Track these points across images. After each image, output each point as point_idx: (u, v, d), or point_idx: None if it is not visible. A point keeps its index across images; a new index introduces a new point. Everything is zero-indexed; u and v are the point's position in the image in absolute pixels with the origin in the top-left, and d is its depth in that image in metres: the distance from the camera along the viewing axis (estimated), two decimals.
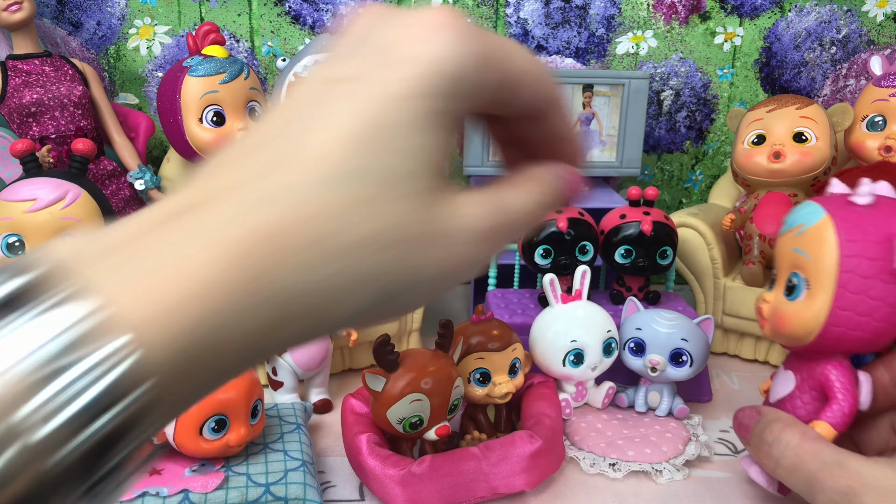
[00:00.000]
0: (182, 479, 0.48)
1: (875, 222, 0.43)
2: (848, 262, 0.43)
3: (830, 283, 0.44)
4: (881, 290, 0.43)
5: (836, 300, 0.44)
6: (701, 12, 0.96)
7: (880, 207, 0.44)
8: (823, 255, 0.44)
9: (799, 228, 0.46)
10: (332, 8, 0.93)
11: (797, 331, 0.46)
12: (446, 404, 0.52)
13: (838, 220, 0.44)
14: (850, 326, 0.44)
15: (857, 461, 0.40)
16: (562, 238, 0.66)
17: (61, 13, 0.90)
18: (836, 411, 0.44)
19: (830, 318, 0.44)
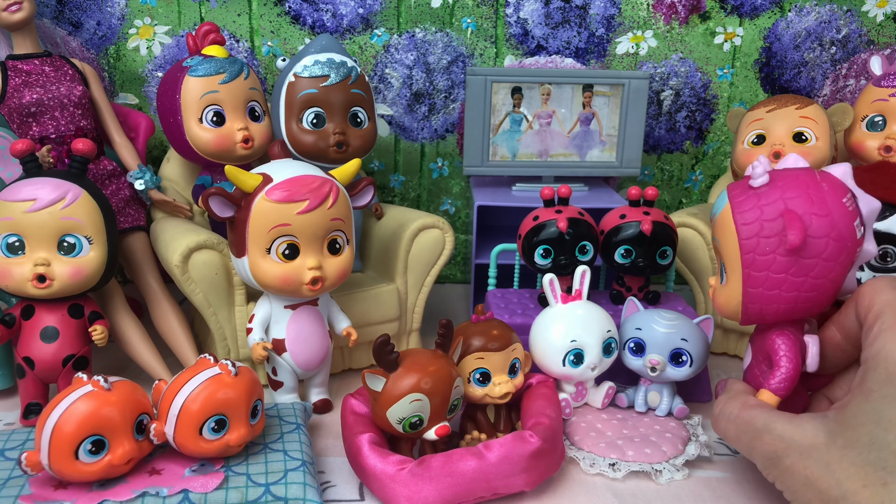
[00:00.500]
0: (182, 479, 0.48)
1: (770, 201, 0.45)
2: (746, 244, 0.46)
3: (737, 265, 0.47)
4: (781, 264, 0.45)
5: (744, 280, 0.47)
6: (701, 12, 0.96)
7: (776, 185, 0.46)
8: (728, 240, 0.47)
9: (713, 218, 0.50)
10: (332, 8, 0.93)
11: (726, 311, 0.50)
12: (446, 404, 0.52)
13: (735, 205, 0.47)
14: (764, 302, 0.47)
15: (783, 424, 0.43)
16: (562, 238, 0.66)
17: (61, 13, 0.90)
18: (777, 377, 0.47)
19: (745, 297, 0.47)
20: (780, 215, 0.45)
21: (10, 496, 0.46)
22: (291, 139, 0.74)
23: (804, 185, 0.45)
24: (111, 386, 0.47)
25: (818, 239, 0.44)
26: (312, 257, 0.58)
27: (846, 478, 0.39)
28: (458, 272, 1.06)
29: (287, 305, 0.61)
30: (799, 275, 0.45)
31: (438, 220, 0.74)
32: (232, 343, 0.69)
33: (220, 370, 0.50)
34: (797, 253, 0.44)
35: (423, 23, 0.94)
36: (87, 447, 0.45)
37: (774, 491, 0.53)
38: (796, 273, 0.45)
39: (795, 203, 0.45)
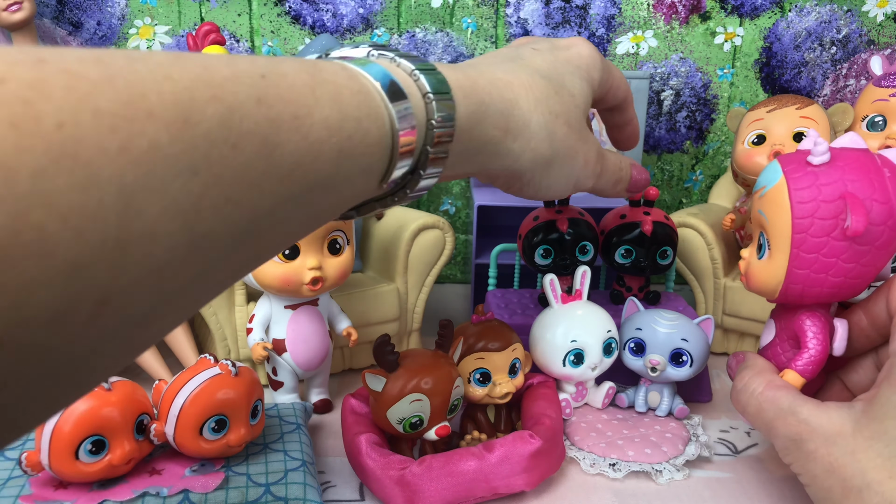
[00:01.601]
0: (182, 479, 0.48)
1: (829, 181, 0.43)
2: (800, 223, 0.44)
3: (786, 244, 0.45)
4: (834, 248, 0.43)
5: (791, 260, 0.45)
6: (701, 12, 0.96)
7: (836, 165, 0.44)
8: (778, 217, 0.45)
9: (762, 190, 0.47)
10: (332, 8, 0.93)
11: (762, 288, 0.48)
12: (446, 404, 0.52)
13: (792, 181, 0.45)
14: (808, 284, 0.45)
15: (809, 409, 0.43)
16: (562, 238, 0.66)
17: (61, 13, 0.90)
18: (805, 359, 0.46)
19: (788, 277, 0.46)
20: (841, 198, 0.43)
21: (10, 496, 0.46)
22: None
23: (866, 168, 0.43)
24: (111, 386, 0.47)
25: (876, 227, 0.43)
26: (312, 257, 0.58)
27: (871, 468, 0.39)
28: (458, 272, 1.06)
29: (287, 305, 0.61)
30: (850, 261, 0.44)
31: (438, 220, 0.74)
32: (232, 343, 0.69)
33: (221, 370, 0.50)
34: (855, 240, 0.43)
35: (423, 23, 0.94)
36: (88, 447, 0.45)
37: (775, 491, 0.54)
38: (847, 259, 0.44)
39: (857, 186, 0.43)
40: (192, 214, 0.20)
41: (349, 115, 0.27)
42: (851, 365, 0.51)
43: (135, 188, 0.18)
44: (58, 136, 0.17)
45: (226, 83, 0.22)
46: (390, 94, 0.29)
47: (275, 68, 0.25)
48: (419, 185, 0.32)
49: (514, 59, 0.41)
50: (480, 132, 0.36)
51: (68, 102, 0.17)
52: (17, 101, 0.16)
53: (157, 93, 0.20)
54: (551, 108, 0.40)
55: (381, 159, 0.29)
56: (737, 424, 0.64)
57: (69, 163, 0.17)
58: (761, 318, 0.75)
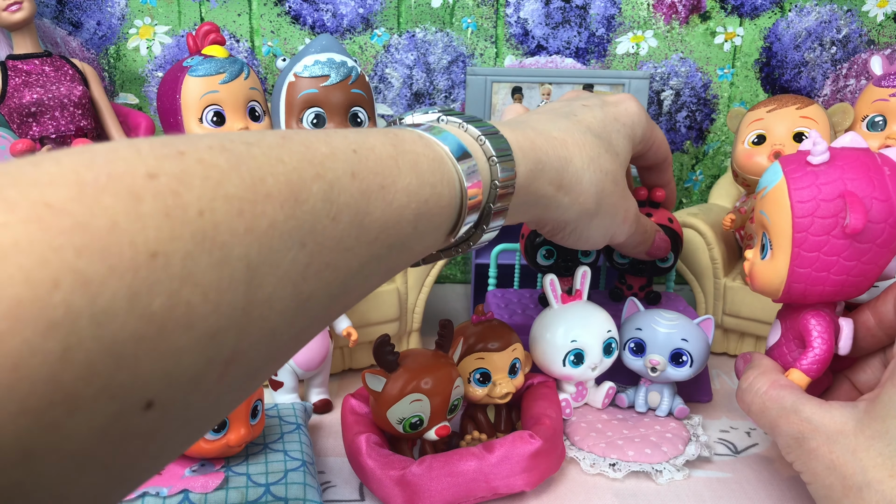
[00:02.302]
0: (182, 479, 0.48)
1: (829, 180, 0.44)
2: (800, 223, 0.44)
3: (787, 243, 0.45)
4: (835, 246, 0.44)
5: (793, 259, 0.45)
6: (701, 12, 0.96)
7: (836, 164, 0.44)
8: (779, 217, 0.46)
9: (763, 191, 0.48)
10: (332, 8, 0.93)
11: (766, 288, 0.49)
12: (446, 404, 0.52)
13: (792, 181, 0.45)
14: (810, 283, 0.46)
15: (811, 407, 0.43)
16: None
17: (61, 13, 0.90)
18: (810, 358, 0.47)
19: (790, 276, 0.46)
20: (840, 196, 0.43)
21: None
22: None
23: (865, 166, 0.44)
24: None
25: (876, 224, 0.43)
26: None
27: (872, 466, 0.39)
28: (458, 272, 1.06)
29: None
30: (851, 259, 0.44)
31: None
32: None
33: None
34: (855, 237, 0.43)
35: (423, 23, 0.94)
36: None
37: (775, 491, 0.54)
38: (848, 257, 0.44)
39: (856, 185, 0.43)
40: (300, 281, 0.24)
41: (426, 181, 0.30)
42: (859, 365, 0.51)
43: (258, 262, 0.21)
44: (200, 223, 0.19)
45: (326, 161, 0.25)
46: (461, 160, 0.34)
47: (364, 142, 0.28)
48: (482, 238, 0.37)
49: (568, 115, 0.45)
50: (537, 188, 0.40)
51: (206, 191, 0.20)
52: (168, 193, 0.19)
53: (272, 175, 0.23)
54: (601, 166, 0.44)
55: (451, 218, 0.33)
56: (737, 424, 0.64)
57: (209, 245, 0.20)
58: (761, 318, 0.75)
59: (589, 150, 0.43)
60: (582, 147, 0.43)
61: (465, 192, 0.33)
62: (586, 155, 0.43)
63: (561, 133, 0.42)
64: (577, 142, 0.43)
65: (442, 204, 0.32)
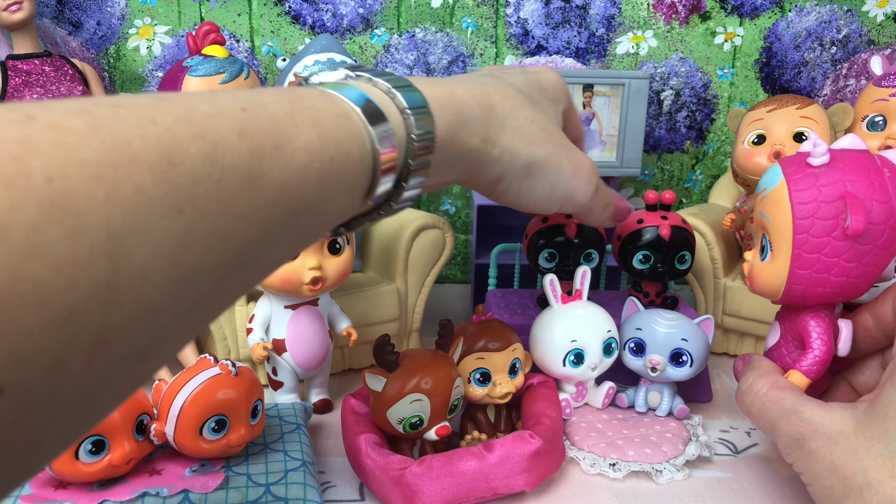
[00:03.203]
0: (182, 480, 0.48)
1: (829, 182, 0.44)
2: (801, 224, 0.44)
3: (787, 245, 0.45)
4: (835, 248, 0.44)
5: (793, 261, 0.45)
6: (701, 12, 0.96)
7: (836, 166, 0.44)
8: (780, 218, 0.46)
9: (763, 192, 0.48)
10: (332, 8, 0.93)
11: (766, 289, 0.49)
12: (446, 404, 0.52)
13: (792, 182, 0.45)
14: (810, 284, 0.46)
15: (811, 408, 0.43)
16: (569, 244, 0.66)
17: (61, 13, 0.90)
18: (809, 360, 0.47)
19: (791, 278, 0.46)
20: (841, 198, 0.43)
21: (10, 496, 0.46)
22: None
23: (865, 168, 0.44)
24: None
25: (877, 226, 0.43)
26: (312, 257, 0.58)
27: (873, 467, 0.39)
28: (458, 272, 1.06)
29: (287, 305, 0.61)
30: (851, 260, 0.44)
31: (438, 220, 0.74)
32: (232, 343, 0.69)
33: (220, 370, 0.50)
34: (855, 239, 0.43)
35: (423, 23, 0.94)
36: (88, 447, 0.45)
37: (775, 491, 0.54)
38: (849, 258, 0.44)
39: (856, 187, 0.43)
40: (180, 251, 0.21)
41: (330, 138, 0.28)
42: (858, 366, 0.51)
43: (122, 232, 0.19)
44: (47, 191, 0.18)
45: (207, 120, 0.23)
46: (368, 115, 0.30)
47: (255, 100, 0.26)
48: (403, 197, 0.34)
49: (489, 75, 0.44)
50: (460, 141, 0.38)
51: (56, 157, 0.18)
52: (8, 159, 0.17)
53: (140, 136, 0.21)
54: (526, 114, 0.42)
55: (364, 178, 0.31)
56: (737, 424, 0.64)
57: (59, 214, 0.18)
58: (761, 318, 0.75)
59: (512, 99, 0.41)
60: (504, 97, 0.41)
61: (377, 150, 0.30)
62: (509, 105, 0.41)
63: (482, 85, 0.40)
64: (500, 91, 0.41)
65: (350, 162, 0.29)
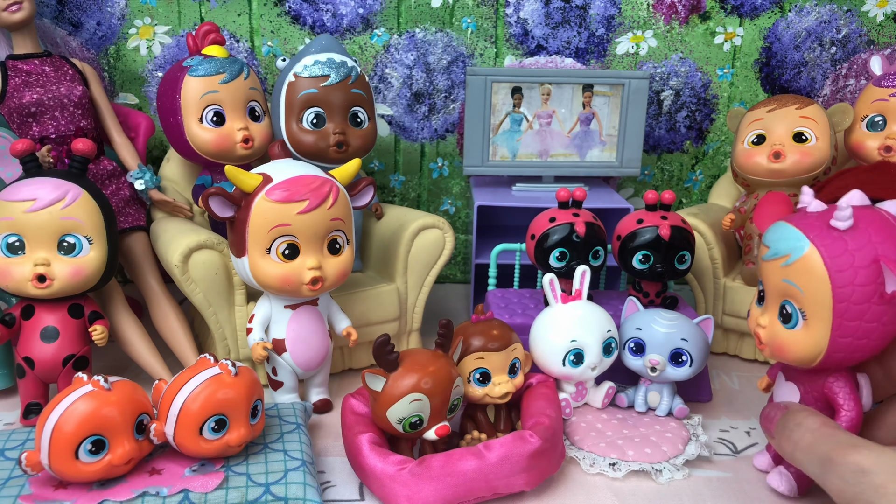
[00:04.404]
0: (182, 479, 0.48)
1: (859, 245, 0.43)
2: (841, 292, 0.44)
3: (826, 314, 0.44)
4: (875, 312, 0.44)
5: (834, 330, 0.44)
6: (701, 12, 0.96)
7: (861, 227, 0.44)
8: (815, 288, 0.44)
9: (786, 259, 0.46)
10: (332, 8, 0.93)
11: (801, 358, 0.47)
12: (446, 404, 0.52)
13: (824, 250, 0.44)
14: (851, 350, 0.45)
15: (870, 445, 0.41)
16: (579, 241, 0.66)
17: (61, 13, 0.90)
18: (846, 422, 0.47)
19: (832, 346, 0.45)
20: (874, 261, 0.43)
21: (10, 496, 0.46)
22: (291, 139, 0.74)
23: (886, 227, 0.44)
24: (111, 386, 0.47)
25: None
26: (312, 257, 0.58)
27: None
28: (458, 272, 1.06)
29: (287, 305, 0.61)
30: (890, 323, 0.44)
31: (438, 220, 0.74)
32: (232, 343, 0.69)
33: (220, 370, 0.50)
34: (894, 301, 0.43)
35: (423, 23, 0.94)
36: (87, 447, 0.45)
37: (775, 491, 0.54)
38: (888, 321, 0.44)
39: (885, 248, 0.43)
40: None
41: None
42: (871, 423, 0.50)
43: None
44: None
45: None
46: None
47: None
48: None
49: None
50: None
51: None
52: None
53: None
54: None
55: None
56: (737, 424, 0.64)
57: None
58: None
59: None
60: None
61: None
62: None
63: None
64: None
65: None
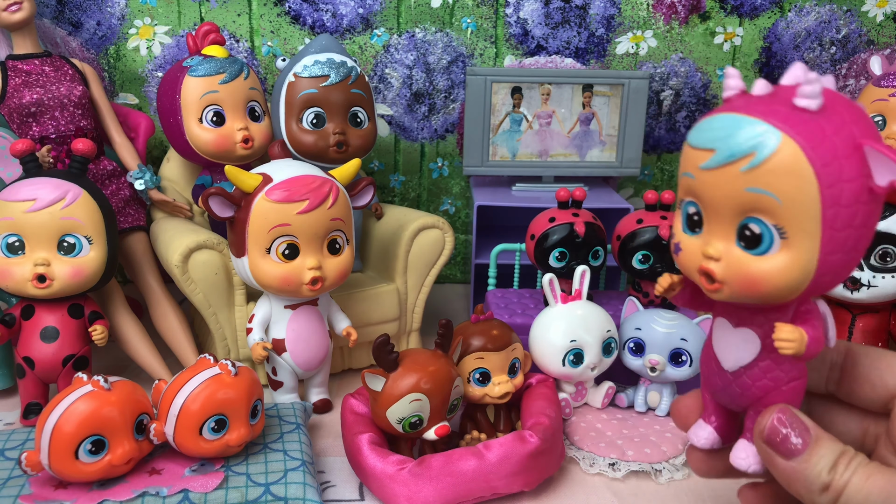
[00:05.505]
0: (182, 479, 0.48)
1: (837, 128, 0.32)
2: (830, 193, 0.32)
3: (815, 226, 0.33)
4: (864, 214, 0.33)
5: (823, 245, 0.33)
6: (701, 12, 0.96)
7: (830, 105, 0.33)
8: (799, 192, 0.32)
9: (749, 160, 0.33)
10: (332, 8, 0.93)
11: (781, 290, 0.34)
12: (446, 404, 0.52)
13: (802, 138, 0.32)
14: (839, 269, 0.34)
15: None
16: (578, 242, 0.66)
17: (61, 13, 0.90)
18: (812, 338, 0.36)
19: (820, 268, 0.33)
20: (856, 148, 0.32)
21: (10, 496, 0.46)
22: (291, 139, 0.74)
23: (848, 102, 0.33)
24: (111, 386, 0.47)
25: None
26: (312, 257, 0.58)
27: None
28: (458, 272, 1.06)
29: (287, 305, 0.61)
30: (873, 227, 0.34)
31: (438, 220, 0.74)
32: (232, 343, 0.69)
33: (220, 370, 0.50)
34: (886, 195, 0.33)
35: (423, 23, 0.94)
36: (87, 447, 0.45)
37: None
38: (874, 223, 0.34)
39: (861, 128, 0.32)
40: None
41: None
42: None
43: None
44: None
45: None
46: None
47: None
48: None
49: None
50: None
51: None
52: None
53: None
54: None
55: None
56: None
57: None
58: None
59: None
60: None
61: None
62: None
63: None
64: None
65: None
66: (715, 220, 0.35)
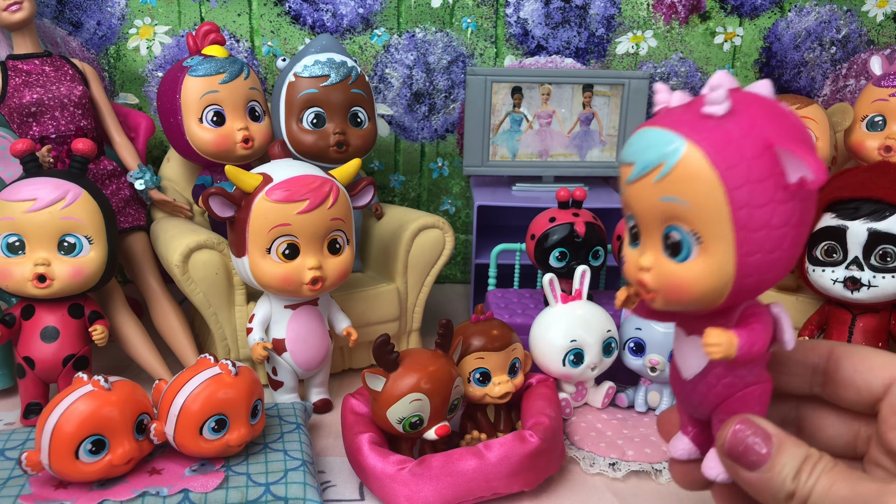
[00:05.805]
0: (182, 479, 0.48)
1: (744, 131, 0.33)
2: (737, 195, 0.33)
3: (725, 228, 0.33)
4: (782, 213, 0.33)
5: (738, 247, 0.33)
6: (701, 12, 0.96)
7: (740, 110, 0.33)
8: (705, 196, 0.33)
9: (658, 170, 0.34)
10: (332, 8, 0.93)
11: (705, 295, 0.35)
12: (446, 404, 0.52)
13: (704, 144, 0.33)
14: (763, 269, 0.34)
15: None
16: (579, 242, 0.66)
17: (61, 13, 0.90)
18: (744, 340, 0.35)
19: (740, 270, 0.34)
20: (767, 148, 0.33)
21: (10, 496, 0.46)
22: (291, 139, 0.74)
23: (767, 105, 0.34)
24: (111, 386, 0.47)
25: None
26: (312, 257, 0.58)
27: None
28: (458, 272, 1.06)
29: (287, 305, 0.61)
30: (801, 223, 0.34)
31: (438, 220, 0.74)
32: (232, 343, 0.69)
33: (220, 370, 0.50)
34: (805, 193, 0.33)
35: (423, 23, 0.94)
36: (88, 447, 0.45)
37: None
38: (798, 221, 0.34)
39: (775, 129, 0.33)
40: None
41: None
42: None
43: None
44: None
45: None
46: None
47: None
48: None
49: None
50: None
51: None
52: None
53: None
54: None
55: None
56: None
57: None
58: None
59: None
60: None
61: None
62: None
63: None
64: None
65: None
66: (645, 231, 0.36)
